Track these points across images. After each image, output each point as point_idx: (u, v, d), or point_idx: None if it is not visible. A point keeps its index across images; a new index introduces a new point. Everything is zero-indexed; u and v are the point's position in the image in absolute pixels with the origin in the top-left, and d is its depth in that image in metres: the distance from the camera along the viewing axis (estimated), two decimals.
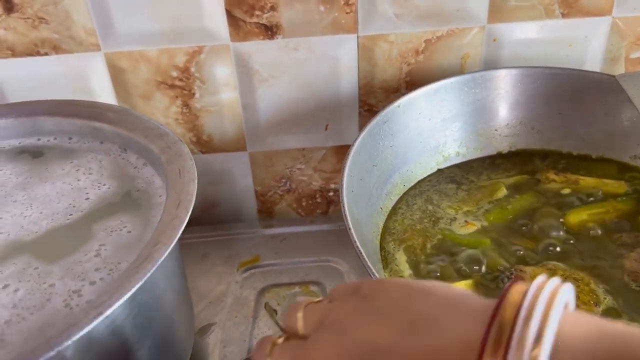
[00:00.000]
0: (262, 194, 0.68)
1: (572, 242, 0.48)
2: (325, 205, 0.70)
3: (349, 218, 0.42)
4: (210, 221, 0.69)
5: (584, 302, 0.42)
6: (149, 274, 0.33)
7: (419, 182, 0.55)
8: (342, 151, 0.65)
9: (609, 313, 0.42)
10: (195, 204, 0.67)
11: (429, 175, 0.56)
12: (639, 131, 0.54)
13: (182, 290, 0.46)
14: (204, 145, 0.64)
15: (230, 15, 0.56)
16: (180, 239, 0.37)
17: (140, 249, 0.39)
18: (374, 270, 0.37)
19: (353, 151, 0.48)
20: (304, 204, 0.69)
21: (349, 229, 0.41)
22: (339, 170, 0.67)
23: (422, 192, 0.54)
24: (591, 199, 0.51)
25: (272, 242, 0.64)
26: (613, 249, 0.46)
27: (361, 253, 0.39)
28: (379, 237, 0.50)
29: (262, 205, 0.69)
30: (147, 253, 0.35)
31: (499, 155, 0.58)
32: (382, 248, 0.49)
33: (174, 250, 0.41)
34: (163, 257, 0.34)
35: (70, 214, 0.44)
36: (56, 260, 0.39)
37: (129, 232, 0.41)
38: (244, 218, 0.70)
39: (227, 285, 0.59)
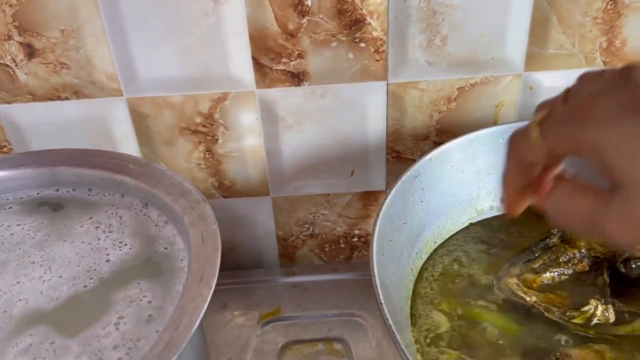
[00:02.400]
0: (284, 238, 0.66)
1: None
2: (349, 251, 0.67)
3: (380, 291, 0.39)
4: (230, 266, 0.67)
5: None
6: None
7: (448, 239, 0.53)
8: (368, 197, 0.63)
9: None
10: None
11: (457, 232, 0.53)
12: None
13: (202, 356, 0.44)
14: (225, 189, 0.62)
15: (256, 62, 0.54)
16: None
17: (161, 323, 0.37)
18: (405, 351, 0.35)
19: (383, 210, 0.46)
20: (327, 249, 0.67)
21: (380, 304, 0.39)
22: (364, 216, 0.65)
23: (450, 252, 0.52)
24: None
25: (294, 291, 0.62)
26: None
27: (394, 334, 0.36)
28: (409, 302, 0.47)
29: (284, 250, 0.67)
30: (168, 337, 0.33)
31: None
32: (412, 315, 0.46)
33: (197, 326, 0.39)
34: (185, 343, 0.32)
35: (91, 278, 0.42)
36: (74, 334, 0.38)
37: (149, 302, 0.39)
38: (264, 264, 0.68)
39: (247, 340, 0.56)
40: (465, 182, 0.54)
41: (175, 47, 0.53)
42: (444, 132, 0.59)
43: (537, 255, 0.49)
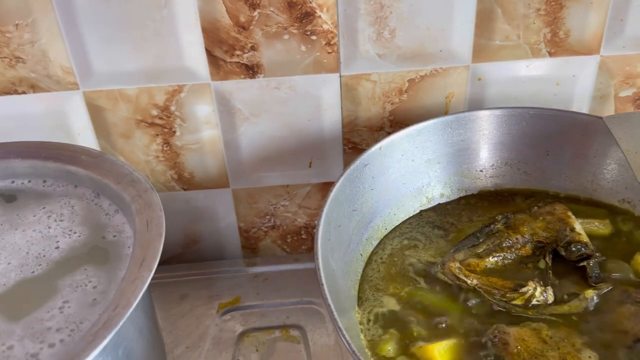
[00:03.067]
0: (245, 230, 0.67)
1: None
2: (311, 241, 0.68)
3: (322, 275, 0.40)
4: (193, 259, 0.67)
5: None
6: (105, 341, 0.32)
7: (400, 225, 0.54)
8: (327, 188, 0.64)
9: None
10: (176, 241, 0.67)
11: (409, 218, 0.55)
12: (627, 174, 0.53)
13: (152, 342, 0.45)
14: (185, 182, 0.63)
15: (210, 54, 0.55)
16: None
17: (104, 307, 0.38)
18: (347, 336, 0.36)
19: (331, 197, 0.47)
20: (289, 240, 0.68)
21: (322, 285, 0.40)
22: None
23: (402, 235, 0.53)
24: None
25: (255, 281, 0.63)
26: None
27: (332, 313, 0.37)
28: (357, 286, 0.48)
29: (246, 242, 0.68)
30: (106, 317, 0.34)
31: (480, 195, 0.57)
32: (359, 298, 0.47)
33: (141, 307, 0.40)
34: (121, 323, 0.33)
35: (39, 265, 0.43)
36: (19, 318, 0.38)
37: (94, 287, 0.40)
38: (227, 255, 0.68)
39: (205, 329, 0.57)
40: (415, 171, 0.55)
41: (130, 41, 0.54)
42: (398, 122, 0.60)
43: (481, 240, 0.51)
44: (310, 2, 0.52)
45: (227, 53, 0.55)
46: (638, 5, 0.54)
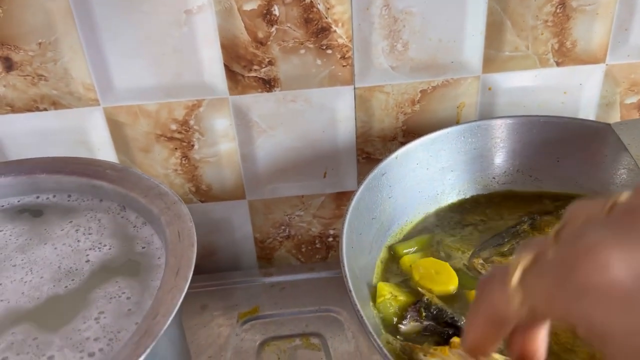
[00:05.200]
0: (261, 240, 0.68)
1: None
2: (325, 250, 0.70)
3: (349, 281, 0.41)
4: (210, 269, 0.68)
5: None
6: (148, 350, 0.33)
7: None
8: (341, 197, 0.66)
9: None
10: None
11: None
12: (636, 178, 0.54)
13: (181, 352, 0.45)
14: (203, 194, 0.64)
15: (228, 70, 0.56)
16: None
17: (140, 316, 0.39)
18: (376, 338, 0.37)
19: (352, 206, 0.49)
20: (303, 249, 0.69)
21: (349, 290, 0.41)
22: (338, 216, 0.67)
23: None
24: None
25: (272, 291, 0.64)
26: None
27: (362, 317, 0.39)
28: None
29: (262, 252, 0.69)
30: (146, 326, 0.35)
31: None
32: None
33: (174, 318, 0.41)
34: (162, 331, 0.34)
35: (72, 279, 0.44)
36: (56, 329, 0.39)
37: (128, 297, 0.41)
38: (243, 266, 0.69)
39: (226, 339, 0.58)
40: (430, 179, 0.56)
41: (150, 57, 0.55)
42: (410, 132, 0.61)
43: (506, 240, 0.52)
44: (326, 18, 0.54)
45: (245, 68, 0.56)
46: None
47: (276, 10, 0.53)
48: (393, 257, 0.52)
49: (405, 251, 0.53)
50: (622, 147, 0.53)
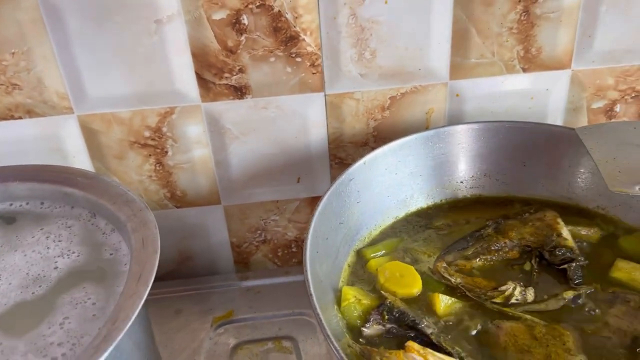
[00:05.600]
0: (237, 245, 0.69)
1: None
2: (301, 254, 0.70)
3: (311, 285, 0.42)
4: (187, 274, 0.69)
5: None
6: (106, 354, 0.34)
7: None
8: (315, 202, 0.65)
9: None
10: (170, 257, 0.69)
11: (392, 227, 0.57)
12: (599, 182, 0.55)
13: (148, 356, 0.46)
14: (178, 200, 0.65)
15: (200, 77, 0.57)
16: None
17: (103, 321, 0.40)
18: (333, 341, 0.38)
19: (318, 211, 0.50)
20: (279, 254, 0.70)
21: (310, 294, 0.42)
22: None
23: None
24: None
25: (247, 295, 0.65)
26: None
27: (321, 321, 0.39)
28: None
29: (238, 257, 0.70)
30: (106, 330, 0.36)
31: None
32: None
33: (138, 321, 0.42)
34: (121, 336, 0.35)
35: (39, 285, 0.44)
36: (21, 335, 0.40)
37: (94, 303, 0.42)
38: (220, 270, 0.70)
39: (200, 343, 0.59)
40: (399, 184, 0.57)
41: (122, 66, 0.56)
42: (381, 138, 0.62)
43: (470, 244, 0.53)
44: (295, 27, 0.55)
45: (216, 76, 0.57)
46: (604, 22, 0.57)
47: (245, 20, 0.54)
48: (361, 261, 0.53)
49: (372, 255, 0.53)
50: (586, 152, 0.54)
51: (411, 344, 0.40)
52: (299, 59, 0.57)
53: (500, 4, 0.55)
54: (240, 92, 0.58)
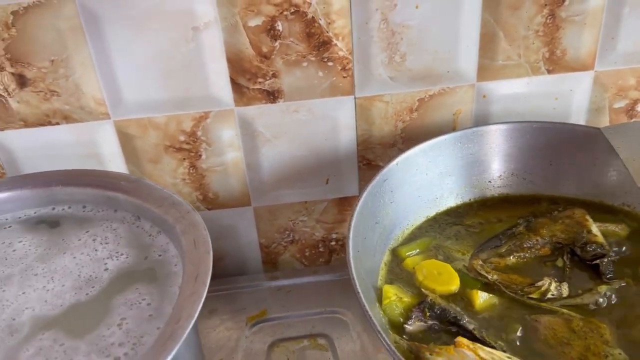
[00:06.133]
0: (266, 245, 0.70)
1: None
2: (328, 254, 0.72)
3: (357, 284, 0.44)
4: (217, 274, 0.70)
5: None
6: (174, 352, 0.35)
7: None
8: (343, 203, 0.68)
9: None
10: None
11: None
12: (625, 180, 0.57)
13: (197, 356, 0.48)
14: (210, 202, 0.66)
15: (234, 83, 0.59)
16: None
17: (161, 321, 0.41)
18: (386, 338, 0.39)
19: (357, 211, 0.51)
20: (307, 254, 0.71)
21: (358, 292, 0.43)
22: (340, 221, 0.69)
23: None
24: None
25: (278, 294, 0.66)
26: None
27: (371, 319, 0.41)
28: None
29: (267, 257, 0.71)
30: (170, 330, 0.37)
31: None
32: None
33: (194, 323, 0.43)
34: (185, 334, 0.36)
35: (92, 286, 0.46)
36: (82, 335, 0.41)
37: (148, 304, 0.43)
38: (249, 270, 0.72)
39: (236, 342, 0.60)
40: (429, 184, 0.59)
41: (159, 72, 0.57)
42: (409, 139, 0.64)
43: (503, 242, 0.55)
44: (327, 32, 0.56)
45: (250, 81, 0.59)
46: (627, 24, 0.59)
47: (280, 26, 0.56)
48: (396, 259, 0.55)
49: (407, 253, 0.55)
50: (612, 150, 0.55)
51: (461, 339, 0.42)
52: (330, 64, 0.58)
53: (527, 7, 0.57)
54: (272, 96, 0.60)
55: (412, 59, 0.59)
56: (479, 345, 0.42)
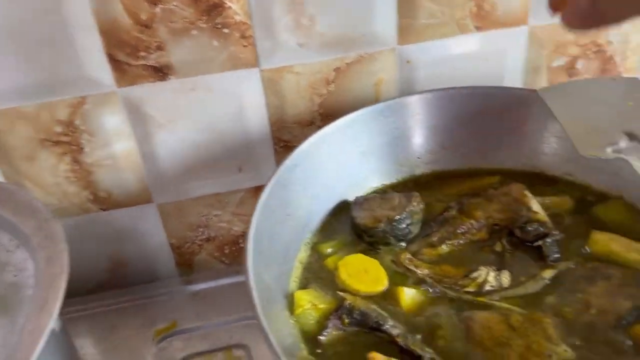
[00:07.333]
0: (178, 246, 0.62)
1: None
2: None
3: (256, 297, 0.36)
4: (123, 284, 0.62)
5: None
6: None
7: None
8: (261, 191, 0.59)
9: None
10: (101, 266, 0.61)
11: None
12: (567, 147, 0.51)
13: None
14: (103, 202, 0.57)
15: (112, 59, 0.49)
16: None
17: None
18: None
19: (259, 206, 0.43)
20: (226, 251, 0.63)
21: (255, 305, 0.36)
22: None
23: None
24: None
25: (193, 301, 0.58)
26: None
27: (270, 340, 0.33)
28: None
29: (180, 259, 0.63)
30: None
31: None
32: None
33: (50, 352, 0.35)
34: None
35: None
36: None
37: None
38: (161, 275, 0.63)
39: None
40: (350, 165, 0.52)
41: (18, 52, 0.48)
42: (329, 115, 0.56)
43: (434, 229, 0.48)
44: None
45: (131, 55, 0.49)
46: None
47: None
48: (316, 256, 0.47)
49: (329, 249, 0.48)
50: (550, 114, 0.49)
51: (375, 355, 0.35)
52: (226, 30, 0.50)
53: None
54: (161, 72, 0.51)
55: (322, 22, 0.51)
56: None
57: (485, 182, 0.52)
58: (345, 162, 0.51)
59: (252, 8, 0.49)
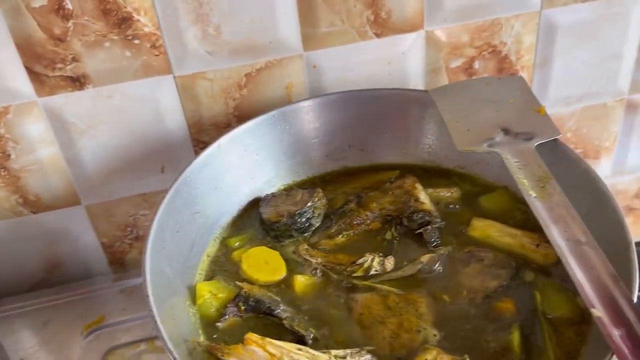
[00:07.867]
0: (109, 245, 0.65)
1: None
2: None
3: (150, 289, 0.40)
4: (59, 282, 0.65)
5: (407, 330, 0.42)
6: None
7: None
8: None
9: None
10: (36, 266, 0.64)
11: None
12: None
13: None
14: (32, 205, 0.60)
15: (30, 71, 0.52)
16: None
17: None
18: (169, 345, 0.36)
19: (162, 206, 0.47)
20: None
21: (147, 296, 0.39)
22: None
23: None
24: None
25: (120, 297, 0.62)
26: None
27: (157, 323, 0.37)
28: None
29: (113, 257, 0.66)
30: None
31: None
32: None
33: None
34: None
35: None
36: None
37: None
38: (95, 273, 0.66)
39: (69, 354, 0.55)
40: (261, 164, 0.55)
41: None
42: (244, 117, 0.59)
43: (334, 222, 0.52)
44: (126, 7, 0.51)
45: (48, 67, 0.53)
46: None
47: (69, 4, 0.50)
48: (224, 250, 0.51)
49: (237, 243, 0.51)
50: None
51: (250, 335, 0.39)
52: (137, 41, 0.53)
53: None
54: (78, 82, 0.54)
55: (227, 31, 0.54)
56: (269, 340, 0.39)
57: (385, 176, 0.56)
58: (257, 161, 0.55)
59: (160, 20, 0.52)
